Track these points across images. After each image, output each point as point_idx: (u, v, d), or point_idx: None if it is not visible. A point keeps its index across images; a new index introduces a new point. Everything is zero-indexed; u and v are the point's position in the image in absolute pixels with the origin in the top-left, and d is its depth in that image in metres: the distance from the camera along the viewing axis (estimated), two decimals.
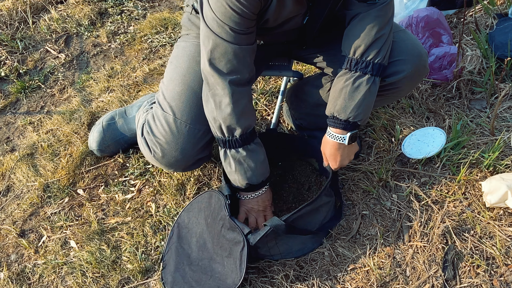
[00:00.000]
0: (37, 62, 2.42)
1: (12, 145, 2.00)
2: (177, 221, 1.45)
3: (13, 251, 1.58)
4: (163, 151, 1.38)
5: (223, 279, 1.28)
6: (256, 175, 1.34)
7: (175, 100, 1.37)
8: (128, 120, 1.72)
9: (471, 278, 1.23)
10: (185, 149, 1.37)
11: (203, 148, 1.40)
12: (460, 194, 1.41)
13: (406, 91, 1.41)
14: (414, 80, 1.36)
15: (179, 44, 1.49)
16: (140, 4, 2.70)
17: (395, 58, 1.30)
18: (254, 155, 1.32)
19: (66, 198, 1.70)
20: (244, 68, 1.24)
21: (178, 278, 1.33)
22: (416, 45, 1.33)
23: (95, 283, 1.41)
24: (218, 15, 1.16)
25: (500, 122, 1.60)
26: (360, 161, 1.60)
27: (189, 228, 1.42)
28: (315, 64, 1.53)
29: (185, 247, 1.38)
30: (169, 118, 1.36)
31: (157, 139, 1.38)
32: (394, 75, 1.31)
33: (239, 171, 1.32)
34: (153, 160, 1.42)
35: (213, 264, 1.32)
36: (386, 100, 1.44)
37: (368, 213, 1.44)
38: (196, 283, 1.30)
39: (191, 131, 1.36)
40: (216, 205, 1.37)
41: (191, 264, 1.34)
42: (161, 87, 1.43)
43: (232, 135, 1.28)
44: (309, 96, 1.59)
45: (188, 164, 1.42)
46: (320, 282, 1.30)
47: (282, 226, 1.26)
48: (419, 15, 1.80)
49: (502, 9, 2.01)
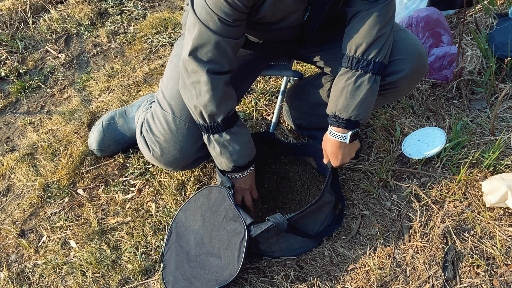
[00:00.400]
0: (37, 62, 2.42)
1: (12, 145, 2.00)
2: (174, 221, 1.46)
3: (13, 251, 1.58)
4: (162, 149, 1.38)
5: (220, 271, 1.29)
6: (242, 156, 1.34)
7: (174, 99, 1.37)
8: (128, 120, 1.72)
9: (471, 278, 1.23)
10: (184, 147, 1.37)
11: (202, 147, 1.40)
12: (460, 194, 1.41)
13: (405, 90, 1.41)
14: (414, 79, 1.36)
15: (179, 43, 1.49)
16: (140, 4, 2.70)
17: (395, 57, 1.30)
18: (238, 137, 1.32)
19: (66, 198, 1.70)
20: (224, 60, 1.23)
21: (178, 276, 1.34)
22: (416, 44, 1.33)
23: (95, 283, 1.41)
24: (209, 3, 1.15)
25: (500, 122, 1.60)
26: (360, 161, 1.60)
27: (186, 226, 1.42)
28: (315, 63, 1.53)
29: (184, 245, 1.39)
30: (168, 117, 1.36)
31: (156, 137, 1.38)
32: (394, 74, 1.31)
33: (224, 154, 1.32)
34: (152, 159, 1.42)
35: (210, 258, 1.33)
36: (386, 99, 1.44)
37: (368, 213, 1.44)
38: (195, 279, 1.31)
39: (190, 130, 1.36)
40: (216, 199, 1.38)
41: (190, 261, 1.35)
42: (161, 86, 1.44)
43: (213, 121, 1.28)
44: (308, 96, 1.59)
45: (187, 163, 1.42)
46: (320, 282, 1.30)
47: (285, 225, 1.26)
48: (419, 15, 1.80)
49: (502, 9, 2.01)
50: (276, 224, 1.26)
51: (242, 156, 1.34)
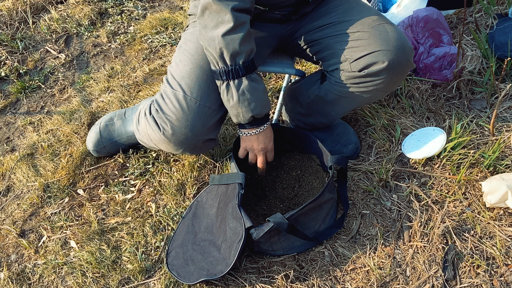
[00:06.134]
0: (37, 62, 2.42)
1: (12, 145, 2.00)
2: (196, 199, 1.49)
3: (13, 251, 1.58)
4: (173, 128, 1.37)
5: (214, 264, 1.31)
6: (260, 106, 1.33)
7: (184, 79, 1.37)
8: (126, 122, 1.71)
9: (471, 278, 1.23)
10: (195, 126, 1.37)
11: (212, 128, 1.40)
12: (460, 194, 1.41)
13: (390, 85, 1.40)
14: (397, 73, 1.36)
15: (186, 31, 1.51)
16: (140, 4, 2.71)
17: (375, 49, 1.32)
18: (257, 85, 1.32)
19: (66, 198, 1.70)
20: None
21: (179, 254, 1.38)
22: (398, 38, 1.34)
23: (95, 283, 1.41)
24: None
25: (500, 122, 1.60)
26: (360, 161, 1.60)
27: (204, 208, 1.45)
28: (312, 59, 1.53)
29: (195, 226, 1.42)
30: (179, 96, 1.36)
31: (167, 116, 1.37)
32: (371, 65, 1.33)
33: (243, 102, 1.31)
34: (162, 139, 1.41)
35: (211, 248, 1.35)
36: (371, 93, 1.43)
37: (368, 213, 1.44)
38: (192, 262, 1.34)
39: (201, 108, 1.36)
40: (231, 192, 1.38)
41: (194, 243, 1.38)
42: (169, 70, 1.44)
43: (235, 63, 1.27)
44: (302, 98, 1.59)
45: (198, 145, 1.42)
46: (320, 282, 1.30)
47: (285, 225, 1.26)
48: (418, 15, 1.80)
49: (502, 9, 2.01)
50: (276, 225, 1.26)
51: (260, 106, 1.33)
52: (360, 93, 1.41)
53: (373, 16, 1.39)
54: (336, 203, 1.45)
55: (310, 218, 1.36)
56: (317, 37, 1.46)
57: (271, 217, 1.28)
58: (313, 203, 1.31)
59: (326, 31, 1.44)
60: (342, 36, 1.39)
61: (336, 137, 1.63)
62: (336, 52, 1.40)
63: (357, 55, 1.34)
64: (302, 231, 1.33)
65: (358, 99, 1.45)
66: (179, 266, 1.35)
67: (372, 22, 1.36)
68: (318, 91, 1.50)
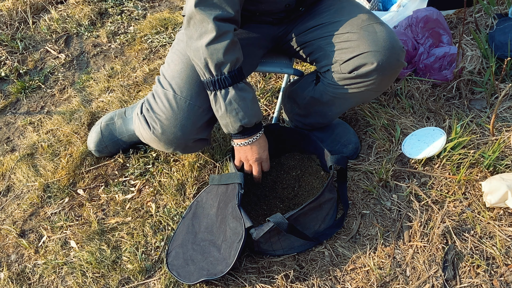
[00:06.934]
0: (37, 62, 2.42)
1: (12, 145, 2.00)
2: (196, 199, 1.49)
3: (13, 251, 1.58)
4: (162, 127, 1.37)
5: (214, 264, 1.31)
6: (249, 115, 1.30)
7: (175, 78, 1.37)
8: (127, 121, 1.71)
9: (471, 278, 1.23)
10: (184, 125, 1.36)
11: (203, 128, 1.40)
12: (460, 194, 1.41)
13: (382, 85, 1.40)
14: (388, 74, 1.35)
15: (179, 31, 1.52)
16: (140, 4, 2.71)
17: (365, 51, 1.31)
18: (244, 94, 1.30)
19: (66, 198, 1.70)
20: (228, 4, 1.24)
21: (179, 254, 1.38)
22: (389, 38, 1.33)
23: (95, 283, 1.41)
24: None
25: (500, 122, 1.60)
26: (360, 161, 1.60)
27: (204, 208, 1.46)
28: (306, 60, 1.53)
29: (195, 226, 1.43)
30: (169, 95, 1.36)
31: (157, 115, 1.37)
32: (361, 67, 1.32)
33: (230, 112, 1.29)
34: (152, 138, 1.41)
35: (212, 248, 1.35)
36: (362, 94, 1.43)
37: (368, 213, 1.44)
38: (192, 262, 1.35)
39: (191, 107, 1.35)
40: (231, 192, 1.39)
41: (194, 243, 1.39)
42: (161, 70, 1.44)
43: (220, 73, 1.26)
44: (299, 98, 1.58)
45: (188, 144, 1.42)
46: (320, 282, 1.30)
47: (285, 225, 1.26)
48: (418, 15, 1.80)
49: (502, 9, 2.01)
50: (276, 225, 1.27)
51: (249, 116, 1.30)
52: (353, 93, 1.41)
53: (363, 16, 1.38)
54: (336, 203, 1.45)
55: (310, 218, 1.36)
56: (308, 39, 1.46)
57: (271, 217, 1.28)
58: (313, 203, 1.31)
59: (317, 32, 1.43)
60: (332, 37, 1.39)
61: (336, 137, 1.63)
62: (327, 54, 1.40)
63: (347, 57, 1.34)
64: (302, 231, 1.33)
65: (352, 99, 1.45)
66: (179, 266, 1.35)
67: (362, 23, 1.35)
68: (313, 92, 1.50)
